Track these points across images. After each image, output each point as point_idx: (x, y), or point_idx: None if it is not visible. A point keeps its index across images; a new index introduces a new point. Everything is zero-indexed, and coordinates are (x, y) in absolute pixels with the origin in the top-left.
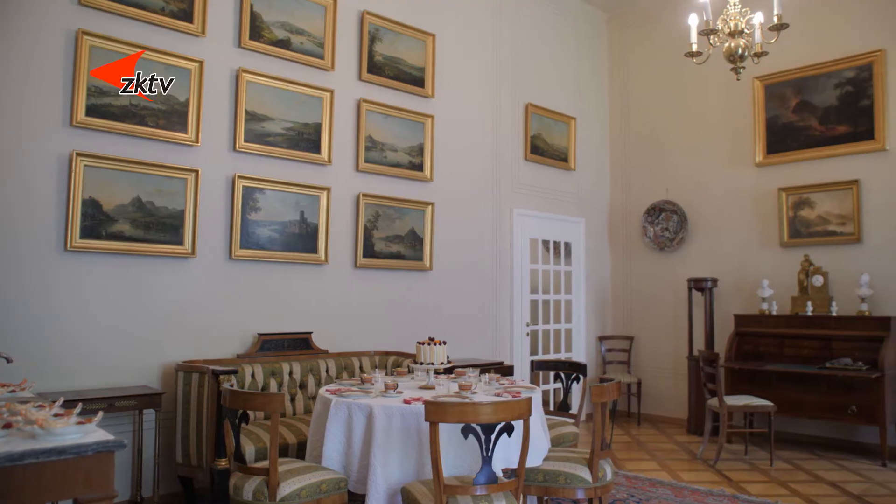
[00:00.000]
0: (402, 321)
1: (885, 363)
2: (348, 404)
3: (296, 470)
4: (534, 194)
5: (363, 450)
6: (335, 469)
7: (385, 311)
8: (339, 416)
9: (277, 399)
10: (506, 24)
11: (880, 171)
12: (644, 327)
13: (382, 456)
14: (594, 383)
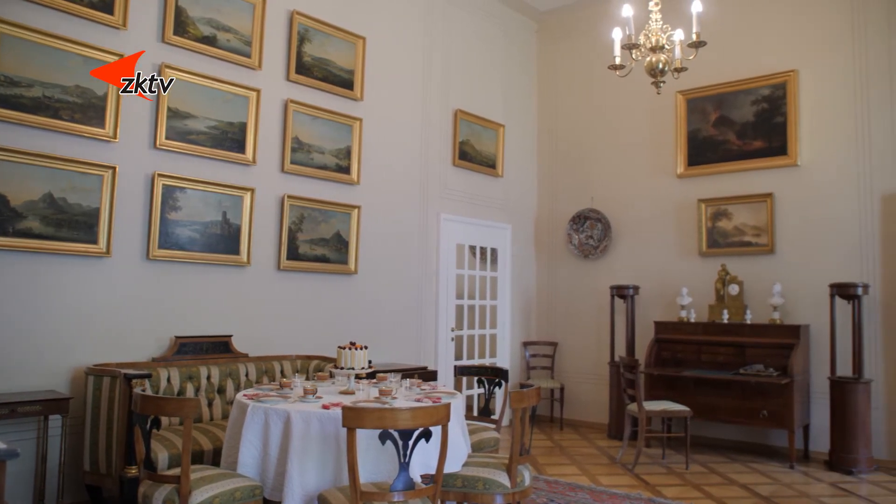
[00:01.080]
0: (325, 325)
1: (794, 369)
2: (265, 409)
3: (209, 477)
4: (461, 200)
5: (280, 456)
6: (251, 476)
7: (308, 314)
8: (255, 422)
9: (191, 404)
10: (437, 29)
11: (792, 185)
12: (568, 333)
13: (299, 462)
14: (517, 389)
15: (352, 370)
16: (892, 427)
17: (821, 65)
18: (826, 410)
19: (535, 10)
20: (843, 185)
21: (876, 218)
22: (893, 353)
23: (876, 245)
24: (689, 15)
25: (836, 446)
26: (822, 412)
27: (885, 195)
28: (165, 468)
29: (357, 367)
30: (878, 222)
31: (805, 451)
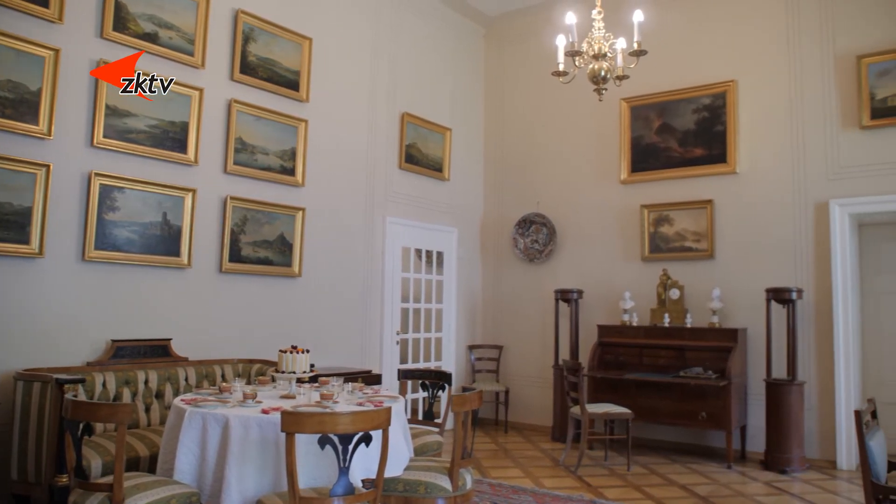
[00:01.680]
0: (269, 328)
1: (731, 372)
2: (203, 414)
3: (144, 484)
4: (407, 203)
5: (218, 462)
6: (187, 483)
7: (251, 317)
8: (193, 427)
9: (124, 409)
10: (384, 32)
11: (731, 192)
12: (513, 337)
13: (238, 468)
14: (460, 392)
15: (293, 374)
16: (823, 427)
17: (758, 76)
18: (762, 411)
19: (484, 15)
20: (778, 192)
21: (809, 225)
22: (824, 356)
23: (809, 251)
24: (632, 24)
25: (771, 446)
26: (758, 413)
27: (818, 203)
28: (98, 476)
29: (298, 370)
30: (811, 229)
31: (742, 451)
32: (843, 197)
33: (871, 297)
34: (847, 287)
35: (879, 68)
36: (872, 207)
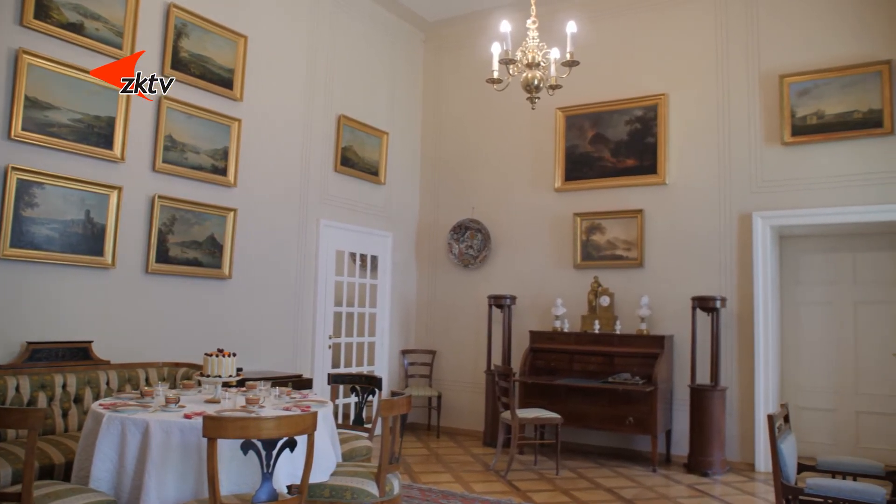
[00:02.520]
0: (197, 331)
1: (658, 378)
2: (122, 420)
3: (56, 493)
4: (342, 206)
5: (137, 469)
6: (104, 490)
7: (179, 319)
8: (111, 433)
9: (36, 414)
10: (323, 33)
11: (661, 202)
12: (447, 342)
13: (158, 475)
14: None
15: (219, 378)
16: (743, 431)
17: (688, 90)
18: (686, 416)
19: (423, 20)
20: (705, 204)
21: (733, 236)
22: (746, 362)
23: (733, 261)
24: (566, 35)
25: (694, 450)
26: (682, 418)
27: (742, 215)
28: (8, 485)
29: (224, 374)
30: (735, 240)
31: (667, 454)
32: (765, 210)
33: (791, 306)
34: (768, 296)
35: (800, 88)
36: (792, 220)
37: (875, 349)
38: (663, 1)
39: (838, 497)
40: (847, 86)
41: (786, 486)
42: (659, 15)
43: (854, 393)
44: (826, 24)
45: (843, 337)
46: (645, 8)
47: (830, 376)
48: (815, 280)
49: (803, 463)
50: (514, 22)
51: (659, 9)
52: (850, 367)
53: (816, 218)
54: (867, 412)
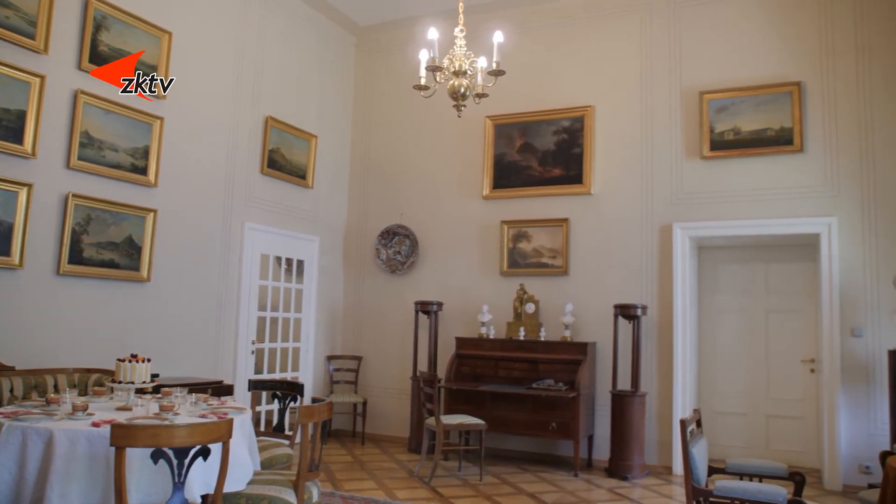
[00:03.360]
0: (112, 336)
1: (580, 384)
2: (24, 429)
3: None
4: (268, 209)
5: (38, 480)
6: None
7: (93, 323)
8: (11, 443)
9: None
10: (252, 34)
11: (586, 212)
12: (373, 348)
13: (61, 486)
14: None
15: (131, 385)
16: (662, 436)
17: (614, 103)
18: (608, 421)
19: (356, 24)
20: (628, 214)
21: (655, 245)
22: (665, 369)
23: (654, 270)
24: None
25: (615, 454)
26: (604, 423)
27: (663, 226)
28: None
29: (138, 381)
30: (655, 249)
31: (589, 459)
32: (684, 221)
33: (708, 314)
34: (686, 305)
35: (718, 104)
36: (710, 232)
37: (785, 356)
38: (591, 16)
39: (744, 498)
40: (761, 104)
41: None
42: (587, 29)
43: (765, 398)
44: (743, 46)
45: (756, 344)
46: (573, 22)
47: (744, 382)
48: (730, 289)
49: (714, 466)
50: (442, 30)
51: (587, 23)
52: (762, 373)
53: (732, 230)
54: (777, 416)
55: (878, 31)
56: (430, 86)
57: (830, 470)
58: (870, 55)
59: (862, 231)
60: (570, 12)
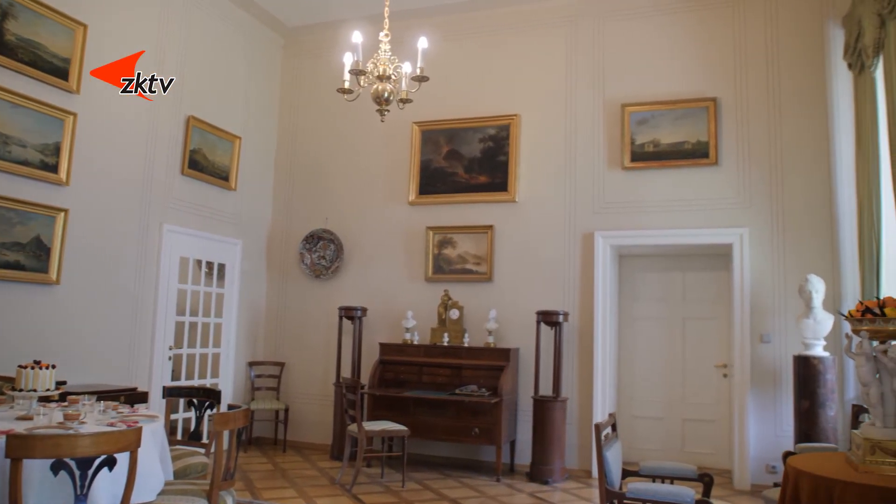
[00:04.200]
0: (17, 341)
1: (503, 389)
2: None
3: None
4: (189, 211)
5: None
6: None
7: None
8: None
9: None
10: (174, 30)
11: (510, 219)
12: (296, 353)
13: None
14: None
15: (34, 392)
16: (582, 440)
17: (539, 113)
18: (530, 426)
19: (283, 25)
20: (552, 222)
21: (577, 253)
22: (586, 374)
23: (576, 277)
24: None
25: (536, 459)
26: (526, 428)
27: (585, 234)
28: None
29: (41, 388)
30: (578, 257)
31: (511, 464)
32: (606, 230)
33: (628, 321)
34: (606, 311)
35: (639, 117)
36: (630, 240)
37: (700, 361)
38: (518, 27)
39: (654, 499)
40: (679, 118)
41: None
42: (514, 39)
43: (681, 402)
44: (663, 61)
45: (673, 350)
46: (501, 32)
47: (661, 386)
48: (649, 296)
49: (629, 468)
50: (369, 34)
51: (514, 34)
52: (678, 378)
53: (651, 239)
54: (692, 419)
55: (786, 51)
56: (353, 90)
57: (740, 470)
58: (779, 74)
59: (771, 242)
60: (497, 22)
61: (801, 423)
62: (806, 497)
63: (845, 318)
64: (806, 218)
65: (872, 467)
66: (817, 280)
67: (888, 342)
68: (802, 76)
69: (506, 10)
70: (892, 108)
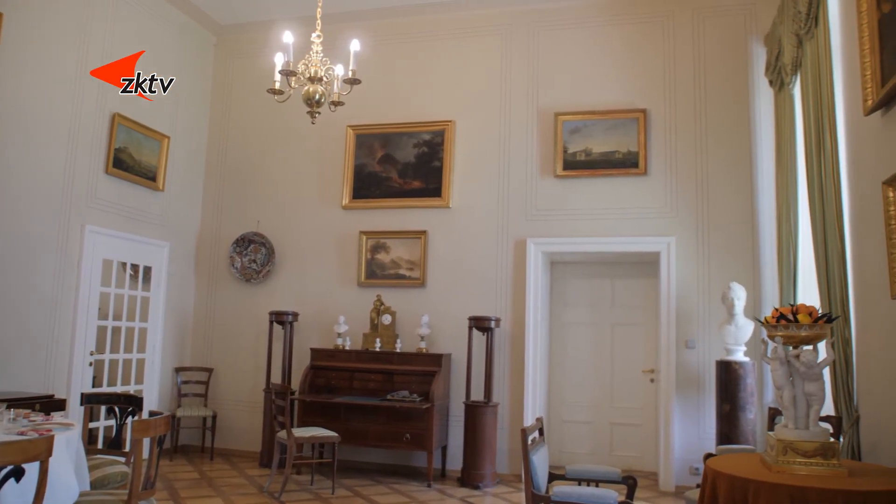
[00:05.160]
0: None
1: (435, 395)
2: None
3: None
4: (113, 212)
5: None
6: None
7: None
8: None
9: None
10: (98, 22)
11: (444, 224)
12: (225, 359)
13: None
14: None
15: None
16: (513, 445)
17: (474, 119)
18: (461, 432)
19: (216, 23)
20: (485, 228)
21: (509, 259)
22: (517, 379)
23: (508, 284)
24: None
25: (467, 464)
26: (458, 433)
27: (518, 240)
28: None
29: None
30: (510, 263)
31: (443, 469)
32: (538, 237)
33: (559, 326)
34: (538, 317)
35: (572, 126)
36: (562, 247)
37: (628, 366)
38: (454, 33)
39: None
40: (611, 128)
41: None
42: (450, 46)
43: (609, 406)
44: (596, 72)
45: (602, 355)
46: (437, 38)
47: (590, 391)
48: (580, 303)
49: (556, 472)
50: (302, 36)
51: (450, 40)
52: (607, 383)
53: (582, 246)
54: (620, 423)
55: (713, 67)
56: (284, 91)
57: (665, 472)
58: (706, 88)
59: (696, 250)
60: (433, 28)
61: (722, 425)
62: (723, 497)
63: (762, 324)
64: (729, 228)
65: (784, 467)
66: (739, 288)
67: (800, 347)
68: (727, 91)
69: (442, 16)
70: (808, 124)
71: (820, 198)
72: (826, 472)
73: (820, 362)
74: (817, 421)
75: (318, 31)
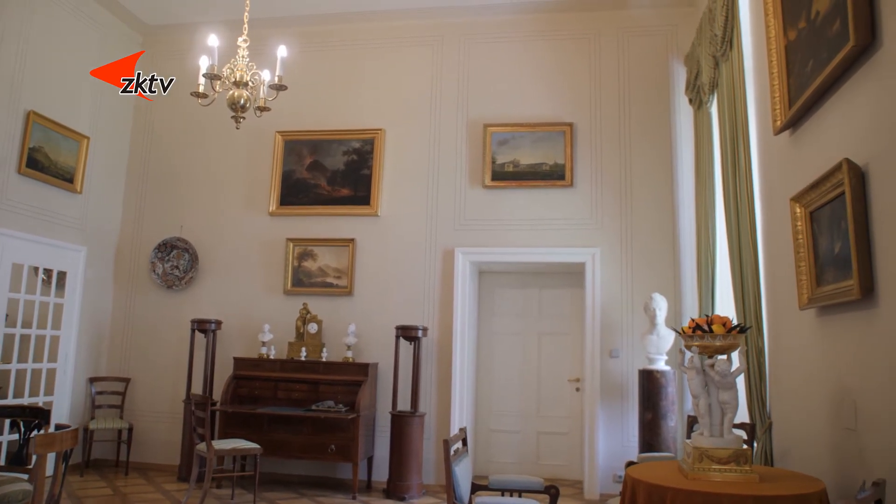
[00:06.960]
0: None
1: (361, 405)
2: None
3: None
4: (26, 214)
5: None
6: None
7: None
8: None
9: None
10: (12, 16)
11: (373, 233)
12: (144, 369)
13: None
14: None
15: None
16: (439, 455)
17: (404, 128)
18: (388, 442)
19: (143, 23)
20: (414, 237)
21: (437, 269)
22: (444, 389)
23: (436, 293)
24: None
25: (393, 475)
26: (384, 444)
27: (446, 250)
28: None
29: None
30: (438, 273)
31: (368, 481)
32: (466, 246)
33: (486, 336)
34: (465, 326)
35: (500, 137)
36: (490, 257)
37: (554, 375)
38: (386, 42)
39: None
40: (538, 140)
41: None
42: (381, 54)
43: (536, 415)
44: (525, 85)
45: (529, 364)
46: (368, 46)
47: (517, 401)
48: (508, 312)
49: (479, 483)
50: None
51: (382, 49)
52: (534, 392)
53: (510, 256)
54: (546, 432)
55: (636, 84)
56: (208, 94)
57: (590, 480)
58: (630, 104)
59: (620, 261)
60: (365, 36)
61: (644, 433)
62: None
63: (679, 334)
64: (652, 240)
65: (700, 474)
66: (661, 298)
67: (715, 357)
68: (650, 108)
69: (374, 25)
70: (724, 142)
71: (735, 212)
72: (739, 478)
73: (733, 371)
74: (731, 428)
75: (245, 36)
